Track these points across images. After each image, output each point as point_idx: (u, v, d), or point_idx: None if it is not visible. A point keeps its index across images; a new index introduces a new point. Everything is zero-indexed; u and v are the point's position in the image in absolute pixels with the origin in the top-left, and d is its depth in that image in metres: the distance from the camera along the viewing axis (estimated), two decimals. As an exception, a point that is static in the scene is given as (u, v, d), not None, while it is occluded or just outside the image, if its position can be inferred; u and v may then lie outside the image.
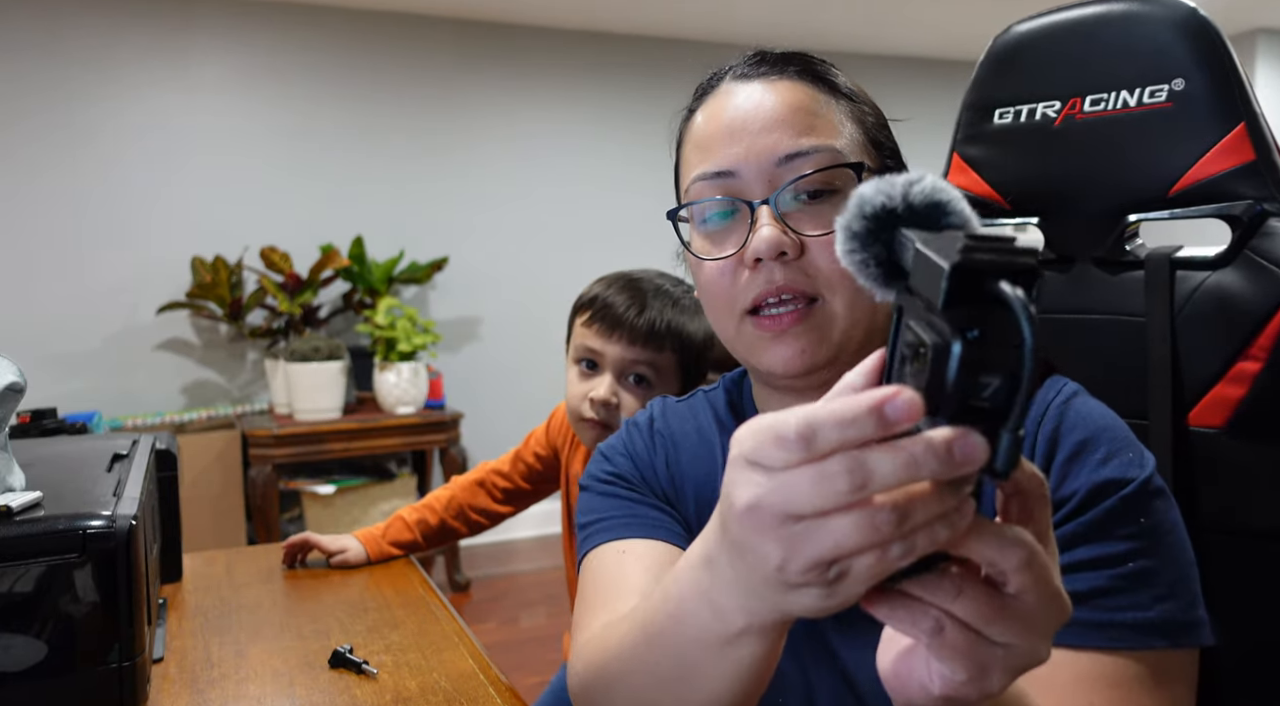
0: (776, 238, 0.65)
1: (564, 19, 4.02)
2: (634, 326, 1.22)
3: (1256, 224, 0.80)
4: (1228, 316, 0.80)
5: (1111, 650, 0.59)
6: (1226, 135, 0.82)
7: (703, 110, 0.73)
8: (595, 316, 1.24)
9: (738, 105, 0.70)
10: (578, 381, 1.26)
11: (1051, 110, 0.90)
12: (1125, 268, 0.88)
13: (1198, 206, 0.83)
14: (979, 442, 0.34)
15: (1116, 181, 0.87)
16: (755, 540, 0.38)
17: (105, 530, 0.83)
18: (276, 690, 0.92)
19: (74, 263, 3.41)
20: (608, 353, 1.23)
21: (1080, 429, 0.64)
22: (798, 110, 0.68)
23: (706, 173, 0.69)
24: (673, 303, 1.26)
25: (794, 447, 0.35)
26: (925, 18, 4.11)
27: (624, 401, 1.22)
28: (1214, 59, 0.83)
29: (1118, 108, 0.86)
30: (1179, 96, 0.84)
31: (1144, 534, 0.61)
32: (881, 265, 0.40)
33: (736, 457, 0.39)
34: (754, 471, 0.37)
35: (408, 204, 3.87)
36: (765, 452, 0.36)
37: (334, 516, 3.32)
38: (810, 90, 0.70)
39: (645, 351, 1.22)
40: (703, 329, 1.27)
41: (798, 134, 0.67)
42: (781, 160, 0.67)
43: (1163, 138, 0.84)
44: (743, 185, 0.68)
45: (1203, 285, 0.82)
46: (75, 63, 3.40)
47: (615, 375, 1.23)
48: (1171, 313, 0.83)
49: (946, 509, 0.35)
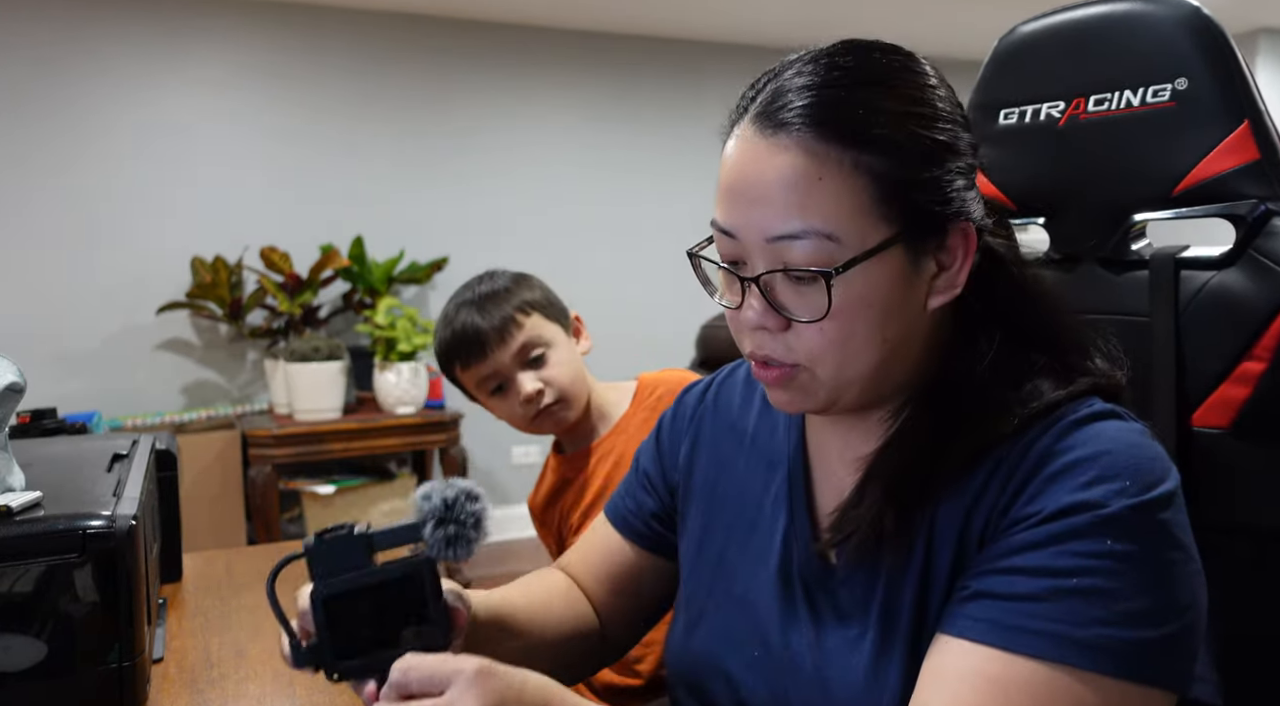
0: (760, 314, 0.67)
1: (564, 19, 4.02)
2: (491, 331, 1.30)
3: (1260, 223, 0.79)
4: (1232, 316, 0.79)
5: (1012, 651, 0.58)
6: (1230, 134, 0.81)
7: (728, 147, 0.69)
8: (463, 358, 1.32)
9: (745, 163, 0.67)
10: (504, 404, 1.34)
11: (1055, 110, 0.90)
12: (1130, 267, 0.87)
13: (1202, 206, 0.83)
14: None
15: (1120, 181, 0.87)
16: None
17: (105, 530, 0.83)
18: (276, 690, 0.91)
19: (74, 262, 3.41)
20: (496, 366, 1.31)
21: (1079, 450, 0.62)
22: (795, 186, 0.64)
23: (718, 224, 0.69)
24: (490, 293, 1.33)
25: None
26: (933, 16, 4.11)
27: (546, 378, 1.31)
28: (1217, 58, 0.82)
29: (1121, 107, 0.86)
30: (1182, 96, 0.83)
31: (1109, 557, 0.58)
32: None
33: None
34: None
35: (408, 204, 3.87)
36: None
37: (334, 516, 3.32)
38: (816, 153, 0.64)
39: (517, 335, 1.30)
40: (531, 283, 1.37)
41: (789, 214, 0.64)
42: (773, 239, 0.65)
43: (1166, 137, 0.84)
44: (743, 249, 0.68)
45: (1207, 285, 0.81)
46: (75, 63, 3.40)
47: (520, 370, 1.31)
48: (1176, 312, 0.82)
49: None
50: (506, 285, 1.35)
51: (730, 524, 0.81)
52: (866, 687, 0.66)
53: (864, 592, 0.69)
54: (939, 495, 0.67)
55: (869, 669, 0.67)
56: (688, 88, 4.31)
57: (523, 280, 1.37)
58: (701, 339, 3.35)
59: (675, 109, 4.29)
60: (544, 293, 1.38)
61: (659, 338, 3.88)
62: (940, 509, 0.67)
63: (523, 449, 4.15)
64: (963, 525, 0.65)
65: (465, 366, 1.32)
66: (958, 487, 0.66)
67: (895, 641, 0.66)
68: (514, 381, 1.31)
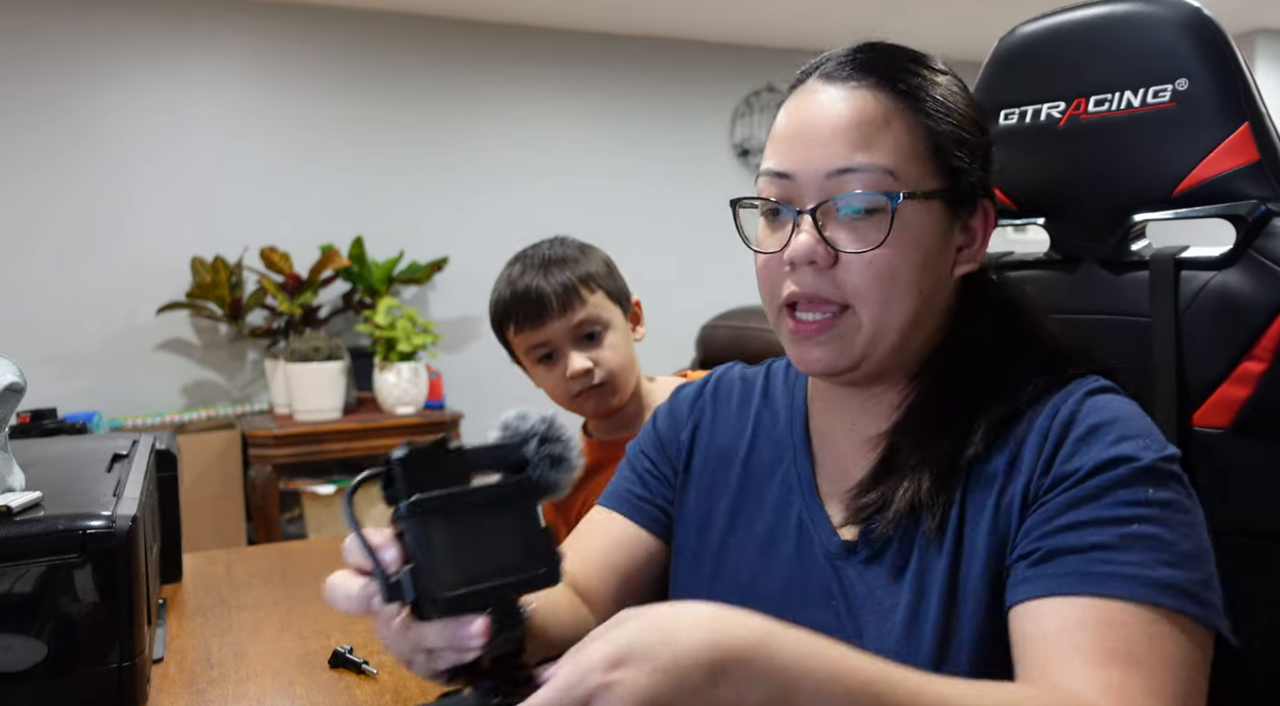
0: (809, 246, 0.69)
1: (564, 19, 4.02)
2: (554, 298, 1.25)
3: (1261, 224, 0.80)
4: (1232, 317, 0.79)
5: (1106, 596, 0.60)
6: (1230, 135, 0.81)
7: (789, 104, 0.76)
8: (519, 319, 1.27)
9: (809, 109, 0.73)
10: (549, 376, 1.30)
11: (1056, 111, 0.90)
12: (1130, 268, 0.87)
13: (1202, 206, 0.83)
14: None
15: (1121, 182, 0.87)
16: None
17: (105, 530, 0.83)
18: (276, 690, 0.91)
19: (74, 262, 3.41)
20: (551, 334, 1.26)
21: (1097, 415, 0.67)
22: (861, 124, 0.70)
23: (770, 170, 0.73)
24: (558, 259, 1.29)
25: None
26: (933, 17, 4.11)
27: (597, 359, 1.27)
28: (1218, 59, 0.82)
29: (1121, 108, 0.86)
30: (1182, 96, 0.83)
31: (1153, 504, 0.62)
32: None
33: None
34: None
35: (408, 204, 3.87)
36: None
37: (334, 516, 3.32)
38: (885, 101, 0.71)
39: (579, 309, 1.26)
40: (598, 258, 1.33)
41: (855, 149, 0.70)
42: (834, 173, 0.70)
43: (1167, 138, 0.84)
44: (797, 188, 0.71)
45: (1207, 285, 0.81)
46: (75, 63, 3.40)
47: (572, 346, 1.27)
48: (1176, 313, 0.82)
49: None
50: (575, 255, 1.30)
51: (733, 511, 0.82)
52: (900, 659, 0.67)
53: (895, 565, 0.70)
54: (969, 464, 0.70)
55: (901, 638, 0.68)
56: (688, 88, 4.30)
57: (591, 252, 1.33)
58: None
59: (676, 109, 4.29)
60: (610, 270, 1.34)
61: (659, 337, 3.86)
62: (971, 478, 0.69)
63: (523, 449, 4.15)
64: (999, 492, 0.68)
65: (519, 329, 1.28)
66: (987, 457, 0.69)
67: (928, 611, 0.68)
68: (564, 355, 1.27)
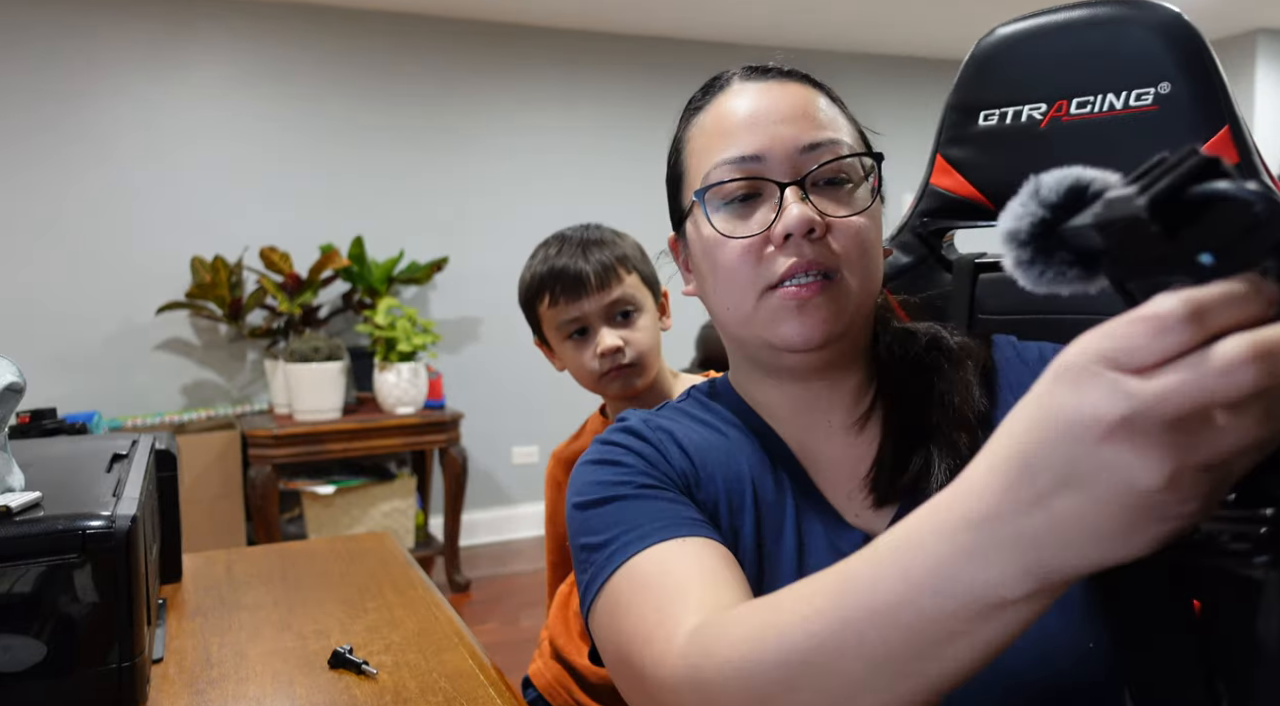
0: (808, 214, 0.69)
1: (564, 19, 4.02)
2: (592, 275, 1.26)
3: None
4: None
5: None
6: (1211, 138, 0.83)
7: (712, 107, 0.77)
8: (555, 292, 1.28)
9: (754, 99, 0.74)
10: (577, 353, 1.29)
11: (1037, 112, 0.91)
12: None
13: None
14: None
15: None
16: (1126, 458, 0.33)
17: (105, 530, 0.83)
18: (276, 690, 0.91)
19: (74, 263, 3.41)
20: (587, 310, 1.27)
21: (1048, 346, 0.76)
22: (810, 107, 0.74)
23: (731, 158, 0.73)
24: (596, 240, 1.31)
25: (1181, 331, 0.32)
26: (932, 17, 4.11)
27: (628, 338, 1.27)
28: (1198, 63, 0.84)
29: (1104, 110, 0.87)
30: (1165, 100, 0.84)
31: None
32: (1073, 264, 0.39)
33: (1074, 368, 0.35)
34: (1118, 376, 0.33)
35: (408, 204, 3.87)
36: (1136, 348, 0.33)
37: (334, 516, 3.32)
38: (813, 93, 0.76)
39: (615, 287, 1.27)
40: (633, 243, 1.35)
41: (814, 127, 0.72)
42: (804, 149, 0.71)
43: (1149, 140, 0.85)
44: (766, 169, 0.72)
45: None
46: (75, 63, 3.40)
47: (606, 323, 1.28)
48: None
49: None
50: (612, 238, 1.33)
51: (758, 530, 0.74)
52: None
53: None
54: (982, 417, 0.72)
55: None
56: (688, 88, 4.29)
57: (626, 238, 1.35)
58: (702, 339, 3.35)
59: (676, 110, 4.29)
60: (644, 256, 1.36)
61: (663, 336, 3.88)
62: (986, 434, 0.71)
63: (523, 449, 4.15)
64: None
65: (554, 303, 1.28)
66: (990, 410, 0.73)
67: None
68: (596, 332, 1.28)
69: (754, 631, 0.51)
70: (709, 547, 0.65)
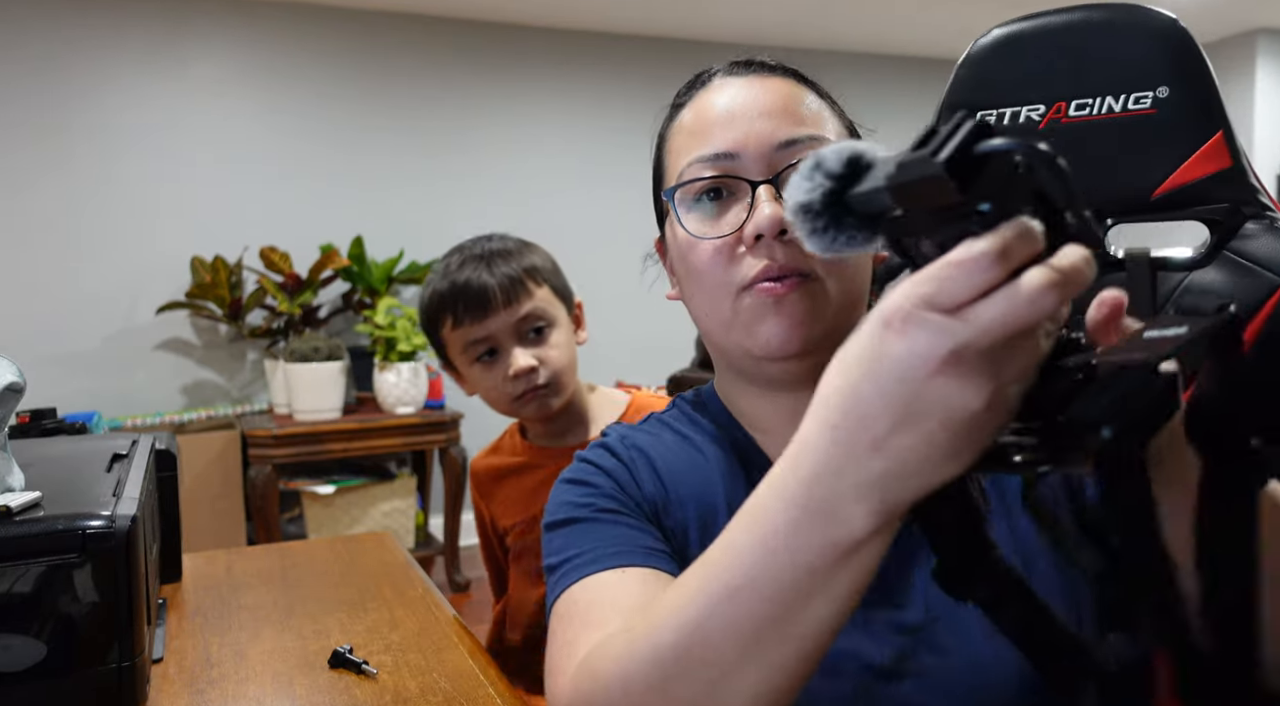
0: (778, 215, 0.66)
1: (564, 19, 4.02)
2: (499, 289, 1.18)
3: (1236, 226, 0.85)
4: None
5: None
6: (1206, 142, 0.86)
7: (693, 104, 0.75)
8: (459, 311, 1.19)
9: (734, 94, 0.72)
10: (488, 376, 1.21)
11: (1036, 114, 0.92)
12: (1106, 268, 0.90)
13: (1182, 210, 0.86)
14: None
15: (1101, 185, 0.90)
16: (954, 388, 0.37)
17: (105, 530, 0.83)
18: (276, 690, 0.91)
19: (74, 262, 3.41)
20: (495, 329, 1.19)
21: None
22: (792, 102, 0.71)
23: (704, 155, 0.70)
24: (501, 252, 1.23)
25: (991, 269, 0.36)
26: (930, 18, 4.11)
27: (542, 357, 1.20)
28: (1195, 69, 0.86)
29: (1103, 113, 0.89)
30: (1163, 104, 0.87)
31: None
32: (859, 229, 0.42)
33: (899, 314, 0.37)
34: (939, 317, 0.37)
35: (408, 204, 3.87)
36: (954, 289, 0.36)
37: (334, 516, 3.32)
38: (798, 87, 0.73)
39: (525, 302, 1.19)
40: (543, 253, 1.26)
41: (794, 123, 0.70)
42: (780, 145, 0.69)
43: (1146, 143, 0.87)
44: (741, 167, 0.69)
45: (1184, 284, 0.85)
46: (74, 63, 3.40)
47: (517, 342, 1.20)
48: (1154, 311, 0.86)
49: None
50: (518, 248, 1.24)
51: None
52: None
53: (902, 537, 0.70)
54: None
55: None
56: (687, 88, 4.31)
57: (534, 247, 1.26)
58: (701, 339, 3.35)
59: (675, 109, 4.29)
60: (555, 267, 1.27)
61: (661, 337, 3.88)
62: None
63: (522, 449, 4.15)
64: None
65: (458, 323, 1.19)
66: None
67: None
68: (507, 352, 1.19)
69: (629, 641, 0.51)
70: (652, 578, 0.64)
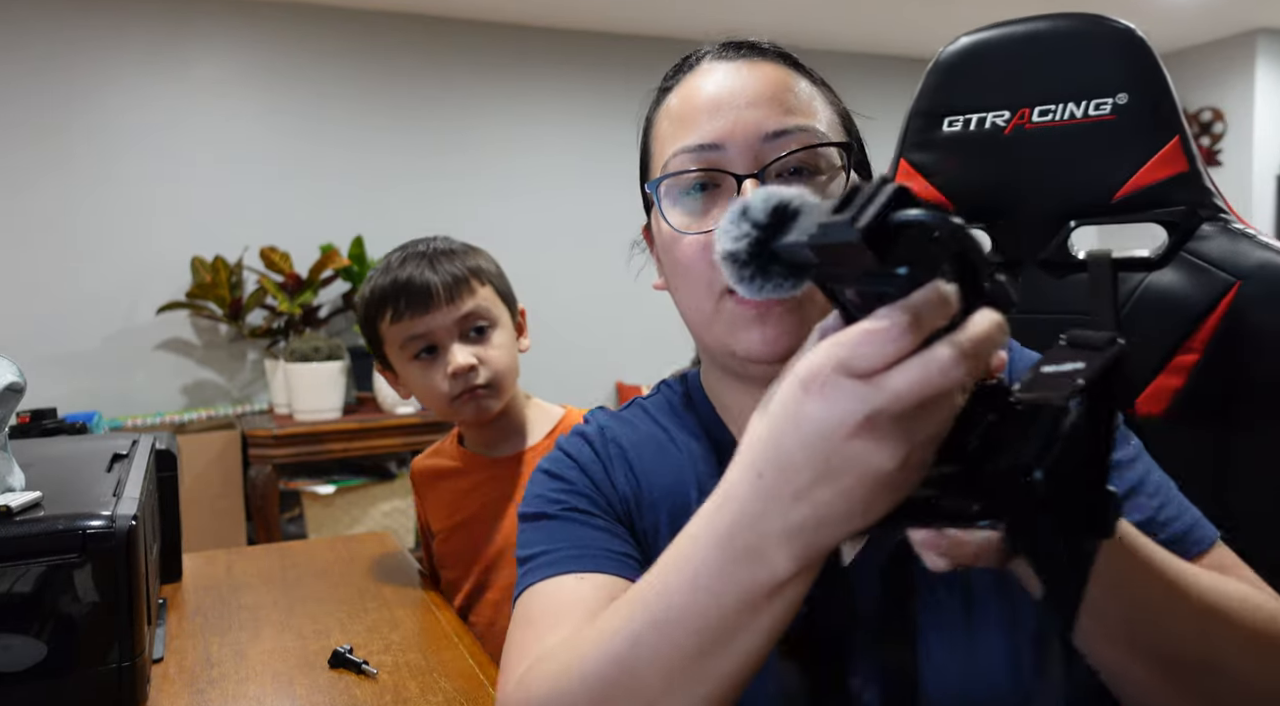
0: None
1: (564, 19, 4.02)
2: (441, 286, 1.16)
3: (1192, 227, 0.89)
4: (1169, 312, 0.88)
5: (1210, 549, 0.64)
6: (1164, 147, 0.89)
7: (680, 88, 0.72)
8: (400, 306, 1.17)
9: (721, 81, 0.69)
10: (425, 374, 1.18)
11: (1001, 119, 0.95)
12: (1069, 269, 0.94)
13: (1141, 212, 0.91)
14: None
15: (1063, 188, 0.94)
16: (869, 450, 0.39)
17: (105, 530, 0.83)
18: (276, 690, 0.91)
19: (74, 262, 3.41)
20: (435, 325, 1.16)
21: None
22: (782, 89, 0.68)
23: (689, 146, 0.67)
24: (445, 251, 1.21)
25: (904, 339, 0.37)
26: (929, 19, 4.11)
27: (482, 356, 1.17)
28: (1152, 76, 0.90)
29: (1065, 119, 0.93)
30: (1123, 110, 0.90)
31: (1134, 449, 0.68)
32: (786, 276, 0.44)
33: (818, 379, 0.39)
34: (855, 383, 0.38)
35: (408, 204, 3.87)
36: (868, 356, 0.38)
37: (334, 516, 3.32)
38: (790, 73, 0.70)
39: (467, 300, 1.17)
40: (488, 256, 1.25)
41: (783, 112, 0.66)
42: (767, 136, 0.66)
43: (1107, 148, 0.92)
44: (726, 159, 0.66)
45: (1143, 284, 0.90)
46: (76, 63, 3.40)
47: (458, 340, 1.17)
48: (1116, 310, 0.90)
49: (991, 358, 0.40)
50: (462, 249, 1.22)
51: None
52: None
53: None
54: None
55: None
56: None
57: (479, 250, 1.25)
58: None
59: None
60: (499, 271, 1.25)
61: (661, 337, 3.88)
62: None
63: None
64: None
65: (397, 318, 1.16)
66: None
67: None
68: (446, 350, 1.16)
69: (562, 664, 0.53)
70: (609, 585, 0.63)
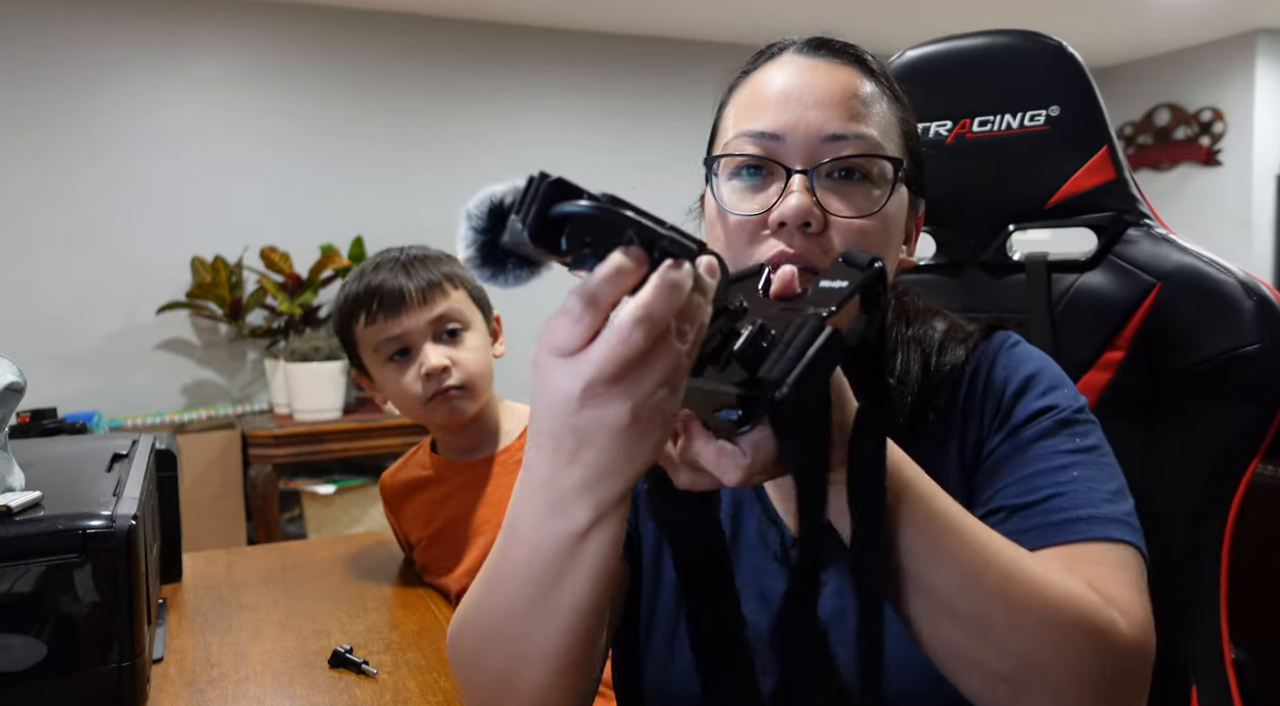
0: (806, 206, 0.66)
1: (564, 19, 4.02)
2: (414, 289, 1.18)
3: (1119, 232, 0.95)
4: (1097, 312, 0.94)
5: (1072, 542, 0.62)
6: (1093, 156, 0.96)
7: (757, 75, 0.75)
8: (373, 308, 1.18)
9: (795, 75, 0.72)
10: (399, 376, 1.19)
11: (944, 129, 1.01)
12: (1007, 270, 1.01)
13: (1072, 217, 0.97)
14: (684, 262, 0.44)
15: (1001, 194, 1.00)
16: (601, 413, 0.44)
17: (105, 530, 0.83)
18: (276, 690, 0.91)
19: (74, 262, 3.41)
20: (409, 327, 1.18)
21: (1027, 365, 0.73)
22: (852, 96, 0.70)
23: (752, 131, 0.70)
24: (419, 257, 1.23)
25: (585, 317, 0.42)
26: (935, 17, 4.11)
27: (455, 358, 1.19)
28: (1082, 89, 0.96)
29: (1002, 129, 0.99)
30: (1055, 121, 0.96)
31: (1080, 451, 0.67)
32: (521, 266, 0.47)
33: (539, 362, 0.45)
34: (564, 361, 0.44)
35: (408, 204, 3.87)
36: (565, 337, 0.43)
37: (334, 516, 3.32)
38: (862, 79, 0.72)
39: (439, 302, 1.19)
40: (457, 260, 1.25)
41: (847, 118, 0.69)
42: (827, 138, 0.68)
43: (1040, 157, 0.97)
44: (783, 150, 0.69)
45: (1074, 285, 0.96)
46: (75, 62, 3.40)
47: (431, 341, 1.19)
48: (1050, 309, 0.96)
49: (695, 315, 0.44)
50: (437, 255, 1.25)
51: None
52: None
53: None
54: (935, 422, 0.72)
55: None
56: (689, 88, 4.30)
57: (453, 257, 1.25)
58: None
59: (677, 110, 4.29)
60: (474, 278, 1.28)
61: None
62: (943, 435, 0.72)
63: (523, 449, 4.15)
64: (959, 445, 0.71)
65: (371, 321, 1.18)
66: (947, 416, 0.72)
67: None
68: (420, 351, 1.18)
69: (459, 612, 0.66)
70: None
